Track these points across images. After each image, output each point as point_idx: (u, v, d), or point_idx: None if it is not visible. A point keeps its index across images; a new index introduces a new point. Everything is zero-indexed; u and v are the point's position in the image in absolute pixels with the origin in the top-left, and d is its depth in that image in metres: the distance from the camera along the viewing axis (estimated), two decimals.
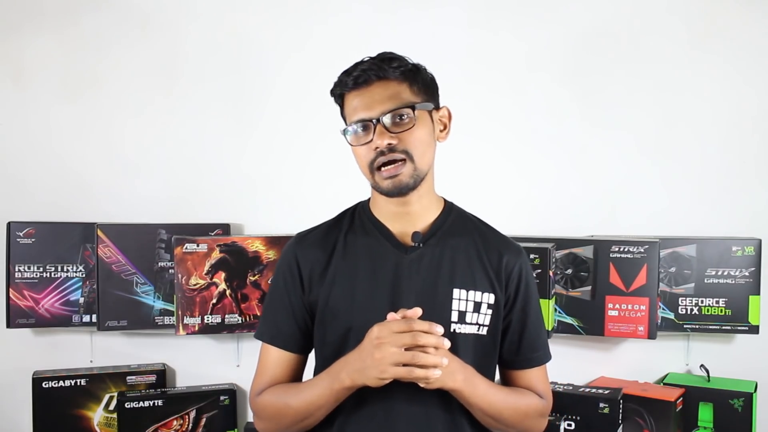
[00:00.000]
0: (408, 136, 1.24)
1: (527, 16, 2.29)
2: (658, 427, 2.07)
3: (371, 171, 1.27)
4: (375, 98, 1.25)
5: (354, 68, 1.28)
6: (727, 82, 2.25)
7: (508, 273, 1.33)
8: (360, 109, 1.25)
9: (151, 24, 2.28)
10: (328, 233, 1.36)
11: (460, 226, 1.35)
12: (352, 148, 1.29)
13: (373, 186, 1.30)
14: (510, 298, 1.33)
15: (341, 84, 1.28)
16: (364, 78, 1.25)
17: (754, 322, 2.15)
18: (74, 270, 2.20)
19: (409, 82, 1.27)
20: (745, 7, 2.24)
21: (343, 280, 1.30)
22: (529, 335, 1.35)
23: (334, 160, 2.29)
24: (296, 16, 2.29)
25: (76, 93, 2.27)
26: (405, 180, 1.25)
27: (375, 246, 1.32)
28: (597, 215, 2.29)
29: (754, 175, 2.26)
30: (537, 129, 2.29)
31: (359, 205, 1.40)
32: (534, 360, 1.37)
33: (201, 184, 2.30)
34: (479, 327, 1.30)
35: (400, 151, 1.24)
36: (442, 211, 1.35)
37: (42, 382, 2.15)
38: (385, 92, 1.25)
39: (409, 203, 1.30)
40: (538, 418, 1.36)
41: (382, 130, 1.23)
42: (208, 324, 2.15)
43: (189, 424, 2.19)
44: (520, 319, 1.34)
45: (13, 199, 2.24)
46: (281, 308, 1.34)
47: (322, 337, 1.32)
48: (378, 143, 1.23)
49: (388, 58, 1.27)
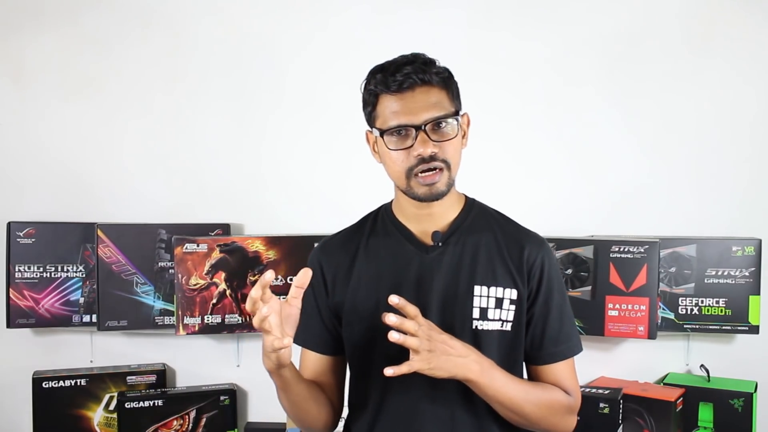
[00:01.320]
0: (448, 145, 1.25)
1: (527, 16, 2.29)
2: (658, 427, 2.07)
3: (407, 176, 1.26)
4: (418, 104, 1.23)
5: (396, 69, 1.24)
6: (726, 82, 2.25)
7: (530, 266, 1.32)
8: (402, 114, 1.24)
9: (151, 24, 2.28)
10: (351, 237, 1.37)
11: (480, 222, 1.35)
12: (385, 151, 1.27)
13: (405, 190, 1.28)
14: (532, 291, 1.32)
15: (382, 83, 1.24)
16: (409, 83, 1.23)
17: (754, 322, 2.15)
18: (74, 270, 2.20)
19: (447, 89, 1.27)
20: (740, 11, 2.24)
21: (366, 283, 1.32)
22: (551, 329, 1.33)
23: (334, 160, 2.31)
24: (297, 16, 2.29)
25: (76, 93, 2.27)
26: (441, 188, 1.26)
27: (396, 247, 1.32)
28: (597, 215, 2.29)
29: (754, 175, 2.26)
30: (536, 129, 2.29)
31: (382, 208, 1.40)
32: (557, 354, 1.33)
33: (201, 184, 2.30)
34: (502, 323, 1.29)
35: (440, 160, 1.24)
36: (463, 209, 1.35)
37: (42, 382, 2.15)
38: (428, 99, 1.24)
39: (433, 205, 1.31)
40: (565, 415, 1.32)
41: (425, 138, 1.23)
42: (208, 324, 2.15)
43: (189, 424, 2.19)
44: (542, 312, 1.32)
45: (13, 199, 2.25)
46: (311, 313, 1.36)
47: (350, 339, 1.34)
48: (421, 151, 1.23)
49: (430, 62, 1.26)
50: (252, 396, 2.32)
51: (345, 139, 2.27)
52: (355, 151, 2.26)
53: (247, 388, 2.32)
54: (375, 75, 1.27)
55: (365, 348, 1.31)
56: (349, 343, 1.35)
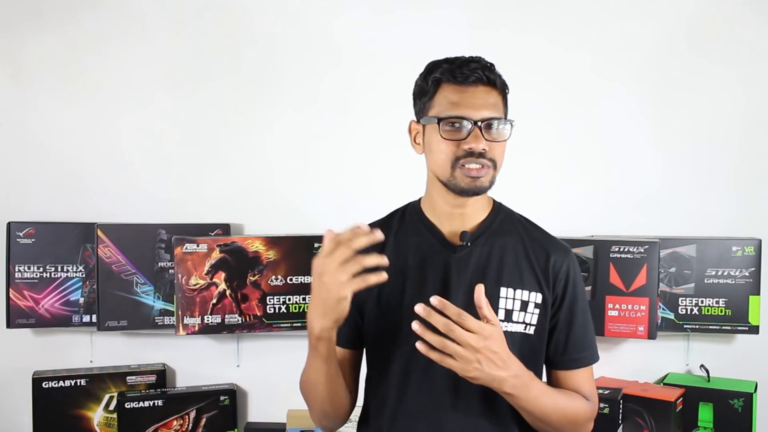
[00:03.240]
0: (498, 146, 1.27)
1: (527, 15, 2.28)
2: (658, 427, 2.07)
3: (453, 166, 1.27)
4: (479, 101, 1.26)
5: (463, 63, 1.28)
6: (726, 81, 2.25)
7: (556, 273, 1.33)
8: (463, 106, 1.26)
9: (150, 23, 2.28)
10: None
11: (508, 226, 1.36)
12: (434, 140, 1.28)
13: (447, 181, 1.28)
14: (557, 298, 1.33)
15: (449, 73, 1.27)
16: (475, 77, 1.26)
17: (754, 322, 2.15)
18: (74, 270, 2.20)
19: (503, 95, 1.31)
20: (735, 10, 2.24)
21: (392, 279, 1.29)
22: (575, 335, 1.34)
23: (334, 161, 2.31)
24: (297, 17, 2.29)
25: (76, 92, 2.27)
26: (485, 183, 1.27)
27: (424, 245, 1.33)
28: (597, 215, 2.29)
29: (754, 175, 2.26)
30: (536, 129, 2.28)
31: (410, 205, 1.41)
32: (580, 360, 1.35)
33: (201, 184, 2.30)
34: (526, 326, 1.30)
35: (488, 158, 1.26)
36: (491, 212, 1.36)
37: (42, 382, 2.15)
38: (489, 98, 1.27)
39: (466, 205, 1.32)
40: (586, 423, 1.34)
41: (478, 133, 1.25)
42: (208, 324, 2.15)
43: (189, 424, 2.19)
44: (567, 319, 1.34)
45: (13, 199, 2.25)
46: None
47: (372, 335, 1.34)
48: (473, 145, 1.24)
49: (492, 65, 1.30)
50: (252, 396, 2.32)
51: (345, 139, 2.28)
52: (356, 152, 2.28)
53: (247, 388, 2.32)
54: (440, 65, 1.29)
55: (387, 344, 1.30)
56: (371, 339, 1.34)
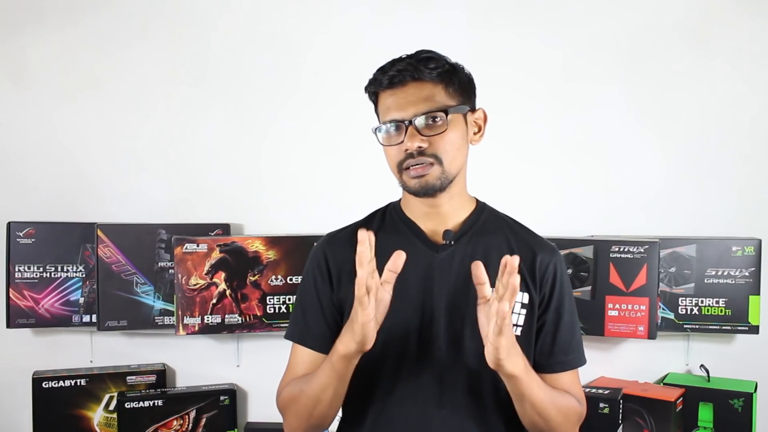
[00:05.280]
0: (439, 140, 1.24)
1: (526, 16, 2.29)
2: (658, 427, 2.07)
3: (399, 171, 1.26)
4: (409, 99, 1.24)
5: (390, 66, 1.26)
6: (726, 82, 2.25)
7: (542, 272, 1.31)
8: (393, 110, 1.25)
9: (151, 24, 2.28)
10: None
11: (492, 225, 1.34)
12: (383, 147, 1.28)
13: (401, 185, 1.29)
14: (544, 298, 1.31)
15: (376, 82, 1.27)
16: (399, 78, 1.24)
17: (754, 322, 2.15)
18: (74, 270, 2.20)
19: (444, 83, 1.26)
20: (734, 12, 2.24)
21: None
22: (562, 337, 1.32)
23: (334, 161, 2.31)
24: (297, 18, 2.29)
25: (77, 93, 2.27)
26: (432, 181, 1.24)
27: (406, 244, 1.28)
28: (597, 215, 2.29)
29: (754, 175, 2.26)
30: (536, 129, 2.29)
31: (390, 205, 1.39)
32: (566, 363, 1.33)
33: (201, 184, 2.30)
34: (513, 327, 1.26)
35: (429, 155, 1.23)
36: (474, 211, 1.34)
37: (42, 382, 2.15)
38: (419, 94, 1.24)
39: (440, 204, 1.30)
40: (576, 424, 1.33)
41: (413, 132, 1.23)
42: (208, 324, 2.15)
43: (189, 424, 2.19)
44: (554, 320, 1.31)
45: (13, 199, 2.24)
46: (311, 308, 1.33)
47: None
48: (408, 145, 1.23)
49: (425, 58, 1.26)
50: (252, 396, 2.32)
51: (345, 140, 2.29)
52: (356, 152, 2.28)
53: (247, 388, 2.32)
54: (373, 76, 1.28)
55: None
56: None
